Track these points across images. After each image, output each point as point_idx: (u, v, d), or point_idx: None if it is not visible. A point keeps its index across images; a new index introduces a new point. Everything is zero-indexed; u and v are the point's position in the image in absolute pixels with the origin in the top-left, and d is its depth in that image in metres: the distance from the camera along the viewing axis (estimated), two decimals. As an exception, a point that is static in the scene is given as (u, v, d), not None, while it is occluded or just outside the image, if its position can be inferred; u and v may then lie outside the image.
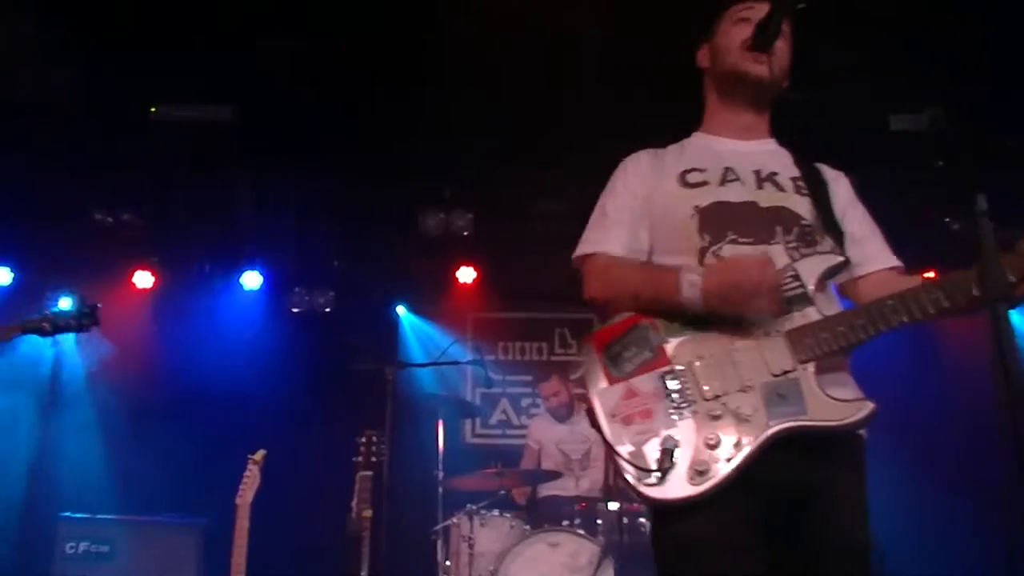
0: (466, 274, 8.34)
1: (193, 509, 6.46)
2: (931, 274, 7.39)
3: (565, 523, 5.95)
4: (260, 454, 4.85)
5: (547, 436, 6.89)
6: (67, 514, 6.36)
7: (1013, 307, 2.04)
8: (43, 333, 3.70)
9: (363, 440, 4.79)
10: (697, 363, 2.25)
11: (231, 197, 7.73)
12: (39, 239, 7.99)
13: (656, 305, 2.33)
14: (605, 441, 2.25)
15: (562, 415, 6.88)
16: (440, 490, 6.24)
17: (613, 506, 5.91)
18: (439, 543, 6.12)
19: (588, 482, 6.57)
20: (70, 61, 6.06)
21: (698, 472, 2.12)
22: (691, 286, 2.25)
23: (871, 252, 2.52)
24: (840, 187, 2.58)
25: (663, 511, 2.22)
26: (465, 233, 7.87)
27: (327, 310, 8.42)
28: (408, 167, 7.31)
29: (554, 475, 6.45)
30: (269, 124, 6.68)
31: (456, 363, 7.18)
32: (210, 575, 5.89)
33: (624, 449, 2.19)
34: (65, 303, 8.10)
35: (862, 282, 2.49)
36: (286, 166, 7.26)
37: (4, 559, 7.18)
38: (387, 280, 8.48)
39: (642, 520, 5.89)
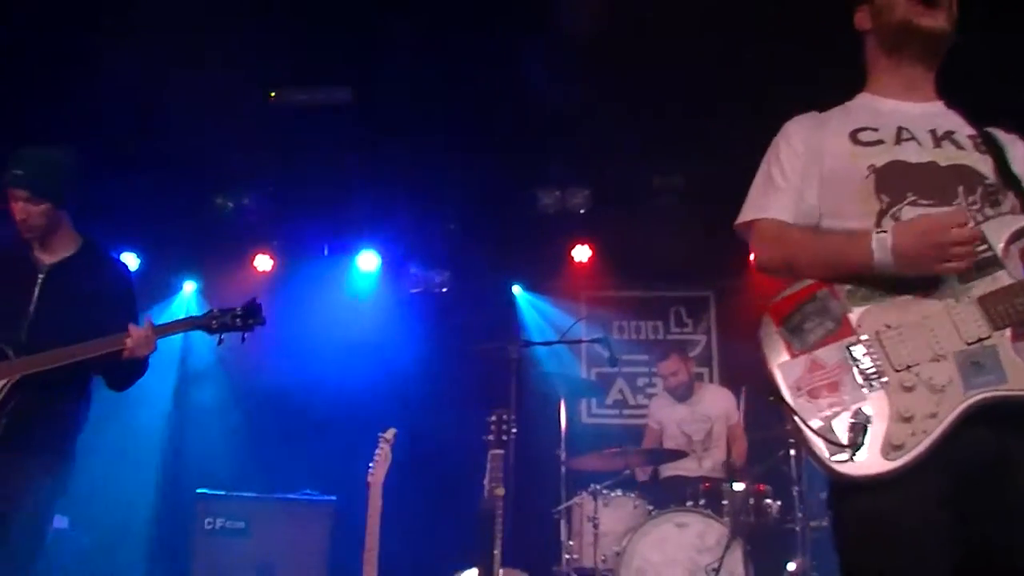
0: (581, 252, 8.30)
1: (324, 488, 6.59)
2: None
3: (690, 503, 5.90)
4: (391, 432, 4.89)
5: (668, 416, 6.83)
6: (203, 491, 6.55)
7: None
8: (210, 331, 3.75)
9: (494, 419, 4.77)
10: (884, 332, 2.15)
11: (349, 179, 7.82)
12: (163, 226, 8.21)
13: (838, 271, 2.24)
14: (791, 415, 2.15)
15: (682, 394, 6.81)
16: (563, 469, 6.24)
17: (738, 486, 5.83)
18: (562, 523, 6.12)
19: (711, 462, 6.50)
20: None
21: (893, 447, 2.02)
22: (881, 244, 2.14)
23: None
24: (1018, 149, 2.42)
25: (850, 489, 2.12)
26: (581, 211, 7.84)
27: (443, 290, 8.47)
28: (524, 145, 7.29)
29: (679, 455, 6.38)
30: (387, 105, 6.74)
31: (579, 342, 7.16)
32: (342, 553, 5.99)
33: (814, 423, 2.11)
34: (188, 287, 8.39)
35: None
36: (403, 147, 7.31)
37: (148, 533, 7.43)
38: (503, 259, 8.48)
39: (768, 501, 5.82)
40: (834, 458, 2.07)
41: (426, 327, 8.18)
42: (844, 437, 2.07)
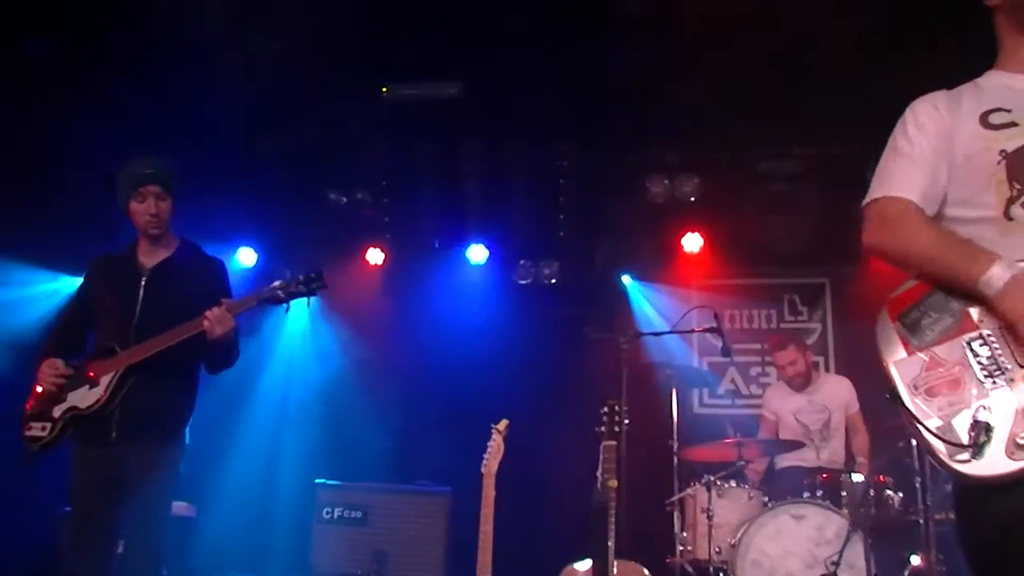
0: (692, 241, 8.19)
1: (439, 478, 6.68)
2: None
3: (807, 494, 5.77)
4: (503, 423, 4.92)
5: (784, 407, 6.70)
6: (322, 480, 6.71)
7: None
8: (278, 301, 3.90)
9: (606, 410, 4.77)
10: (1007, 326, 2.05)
11: (459, 172, 7.89)
12: (279, 221, 8.43)
13: (946, 281, 2.14)
14: (908, 415, 2.08)
15: (799, 384, 6.67)
16: (675, 460, 6.19)
17: (858, 478, 5.70)
18: (675, 514, 6.07)
19: (828, 453, 6.36)
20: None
21: (1019, 446, 1.93)
22: (992, 282, 2.04)
23: None
24: None
25: (980, 490, 2.03)
26: (692, 199, 7.74)
27: (552, 281, 8.47)
28: (632, 134, 7.25)
29: (796, 445, 6.26)
30: (497, 98, 6.77)
31: (691, 331, 7.08)
32: (457, 543, 6.07)
33: (932, 423, 2.03)
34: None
35: None
36: (512, 140, 7.34)
37: (270, 521, 7.64)
38: (612, 249, 8.46)
39: (889, 493, 5.66)
40: (955, 458, 1.99)
41: (536, 319, 8.20)
42: (965, 437, 1.98)
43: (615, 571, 4.61)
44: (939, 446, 2.01)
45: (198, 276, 4.13)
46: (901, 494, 5.66)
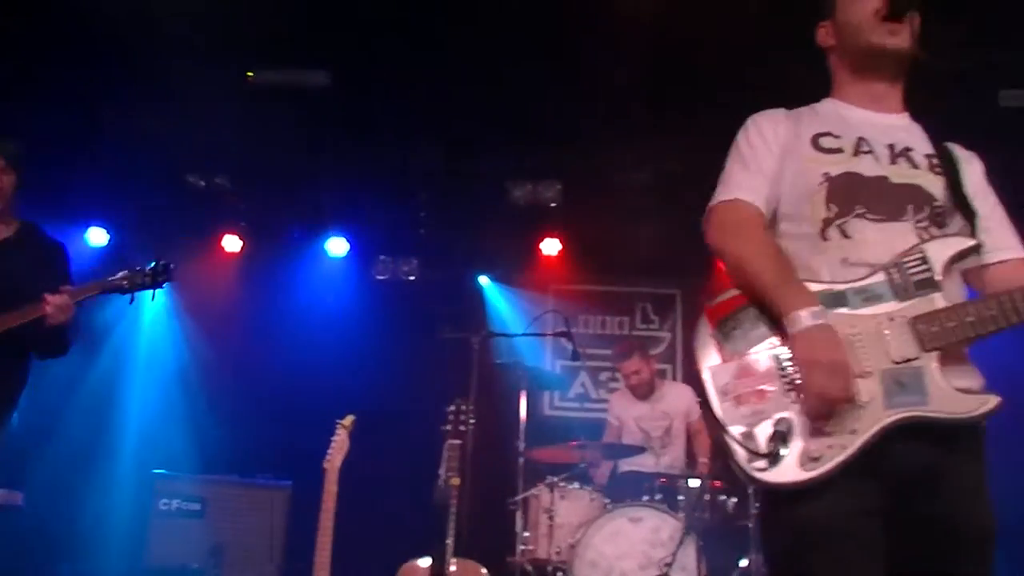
0: (550, 245, 8.32)
1: (281, 472, 6.59)
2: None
3: (646, 498, 5.93)
4: (349, 419, 4.89)
5: (627, 413, 6.87)
6: (161, 471, 6.54)
7: None
8: (122, 291, 3.82)
9: (452, 409, 4.80)
10: None
11: (322, 163, 7.78)
12: (133, 201, 8.15)
13: (760, 299, 2.24)
14: (715, 420, 2.18)
15: (643, 393, 6.84)
16: (521, 461, 6.26)
17: (694, 483, 5.89)
18: (518, 514, 6.14)
19: (669, 458, 6.53)
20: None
21: (811, 458, 2.05)
22: (795, 323, 2.13)
23: (1000, 240, 2.38)
24: (973, 169, 2.44)
25: (778, 496, 2.15)
26: (552, 204, 7.84)
27: (411, 278, 8.47)
28: (497, 137, 7.29)
29: (637, 450, 6.43)
30: (364, 91, 6.71)
31: (544, 335, 7.17)
32: (297, 538, 5.99)
33: (735, 430, 2.13)
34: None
35: (989, 270, 2.36)
36: (378, 134, 7.28)
37: (106, 511, 7.39)
38: (471, 249, 8.50)
39: (723, 497, 5.86)
40: (753, 465, 2.10)
41: (391, 315, 8.19)
42: (764, 445, 2.09)
43: (453, 569, 4.65)
44: (740, 452, 2.12)
45: (37, 259, 4.01)
46: (734, 499, 5.87)
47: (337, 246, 8.47)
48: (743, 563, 5.67)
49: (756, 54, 5.75)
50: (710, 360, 2.25)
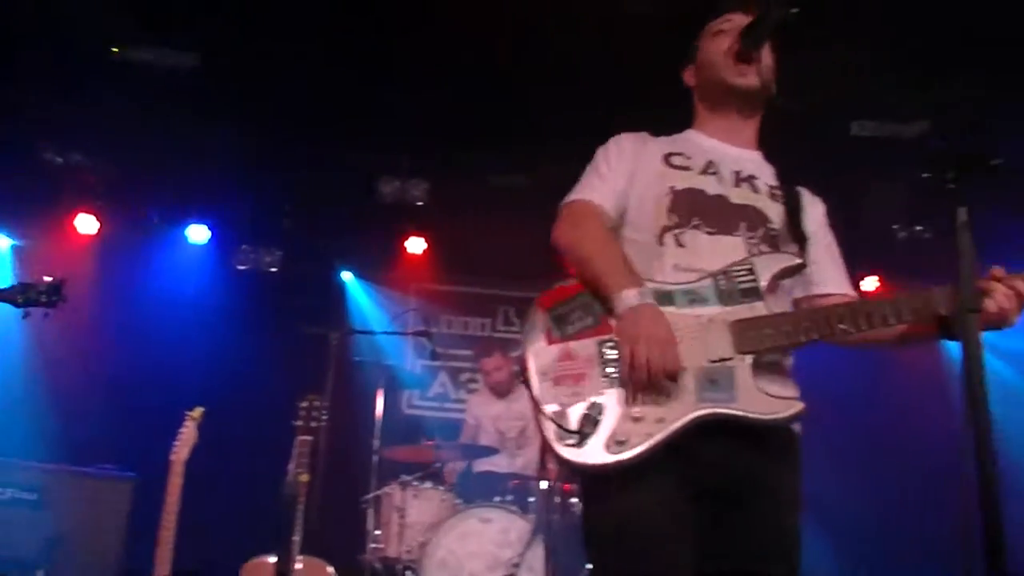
0: (416, 244, 8.32)
1: (126, 463, 6.38)
2: (875, 279, 7.70)
3: (498, 499, 5.99)
4: (198, 411, 4.79)
5: (484, 412, 6.93)
6: (-7, 455, 6.26)
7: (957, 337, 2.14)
8: (16, 304, 3.69)
9: (304, 404, 4.74)
10: None
11: (186, 147, 7.57)
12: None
13: (592, 285, 2.35)
14: (532, 398, 2.27)
15: (501, 391, 6.91)
16: (375, 459, 6.25)
17: (545, 485, 5.97)
18: (370, 512, 6.13)
19: (523, 460, 6.61)
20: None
21: (617, 442, 2.15)
22: (622, 301, 2.26)
23: (830, 275, 2.58)
24: (815, 209, 2.63)
25: (592, 489, 2.28)
26: (419, 203, 7.83)
27: (273, 270, 8.34)
28: (369, 132, 7.24)
29: (491, 451, 6.49)
30: (234, 77, 6.57)
31: (403, 333, 7.17)
32: (139, 530, 5.81)
33: (549, 408, 2.22)
34: (2, 242, 7.97)
35: (817, 302, 2.52)
36: (245, 121, 7.13)
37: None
38: (336, 244, 8.42)
39: (574, 500, 5.95)
40: (562, 442, 2.18)
41: (251, 306, 8.05)
42: (575, 425, 2.19)
43: (299, 566, 4.59)
44: (550, 429, 2.20)
45: None
46: (582, 491, 5.97)
47: (198, 233, 8.28)
48: (591, 565, 5.76)
49: (629, 65, 5.87)
50: (536, 342, 2.33)
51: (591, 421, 2.18)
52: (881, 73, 5.86)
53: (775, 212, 2.50)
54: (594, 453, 2.15)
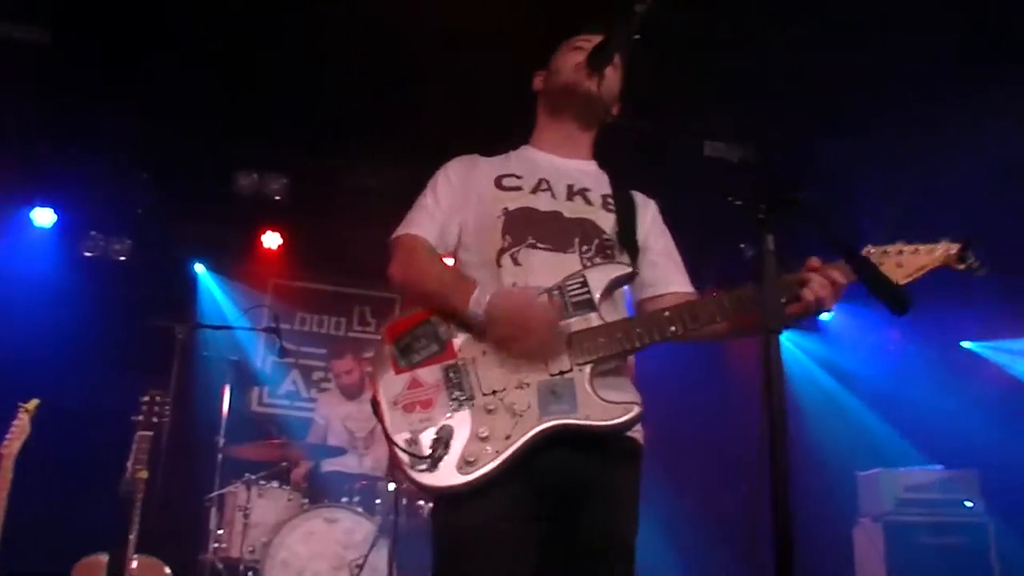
0: (272, 239, 8.20)
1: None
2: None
3: (344, 500, 5.98)
4: (33, 403, 4.62)
5: (334, 412, 6.90)
6: None
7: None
8: None
9: (146, 399, 4.63)
10: (480, 358, 2.37)
11: (35, 126, 7.24)
12: None
13: (440, 306, 2.43)
14: (384, 428, 2.33)
15: (352, 393, 6.90)
16: (220, 457, 6.14)
17: (392, 486, 5.98)
18: (213, 511, 6.02)
19: (371, 461, 6.61)
20: None
21: (467, 462, 2.23)
22: (477, 302, 2.35)
23: (668, 275, 2.70)
24: (648, 212, 2.75)
25: (441, 502, 2.36)
26: (277, 198, 7.71)
27: (122, 258, 8.06)
28: (228, 123, 7.09)
29: (339, 451, 6.47)
30: (88, 57, 6.33)
31: (251, 329, 7.04)
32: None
33: (400, 437, 2.30)
34: None
35: (658, 301, 2.64)
36: (99, 103, 6.88)
37: None
38: (190, 235, 8.19)
39: (420, 503, 5.99)
40: (415, 469, 2.26)
41: (96, 295, 7.73)
42: (426, 450, 2.25)
43: (133, 565, 4.49)
44: (404, 456, 2.28)
45: None
46: (432, 504, 6.00)
47: (43, 216, 7.93)
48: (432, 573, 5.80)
49: (473, 74, 5.94)
50: (385, 372, 2.40)
51: (442, 444, 2.25)
52: (727, 99, 6.08)
53: (608, 223, 2.62)
54: (446, 476, 2.23)
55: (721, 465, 7.48)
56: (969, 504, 6.69)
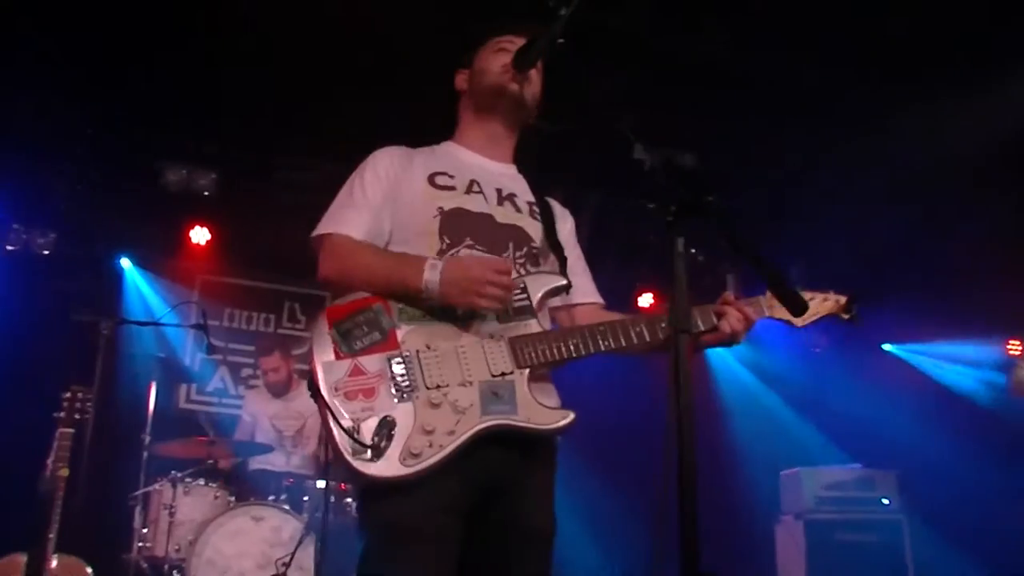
0: (200, 234, 8.07)
1: None
2: (649, 295, 8.10)
3: (272, 498, 5.95)
4: (-50, 400, 4.54)
5: (261, 410, 6.86)
6: None
7: (699, 348, 2.40)
8: None
9: (68, 395, 4.57)
10: (424, 352, 2.38)
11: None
12: None
13: (392, 289, 2.43)
14: (324, 413, 2.30)
15: (279, 390, 6.86)
16: (145, 454, 6.06)
17: (321, 484, 5.96)
18: (137, 509, 5.94)
19: (299, 459, 6.58)
20: None
21: (411, 455, 2.24)
22: (432, 269, 2.38)
23: (581, 286, 2.80)
24: (565, 224, 2.85)
25: (371, 493, 2.33)
26: (206, 193, 7.61)
27: (46, 252, 7.89)
28: (156, 116, 6.99)
29: (266, 448, 6.43)
30: (8, 42, 6.18)
31: (178, 325, 6.95)
32: None
33: (343, 423, 2.27)
34: None
35: (573, 310, 2.78)
36: (20, 91, 6.72)
37: None
38: (116, 229, 8.06)
39: (348, 500, 5.98)
40: (357, 457, 2.24)
41: (18, 290, 7.55)
42: (369, 439, 2.25)
43: (53, 565, 4.42)
44: (345, 444, 2.25)
45: None
46: (359, 496, 5.99)
47: (-38, 208, 7.73)
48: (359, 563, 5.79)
49: (417, 68, 5.95)
50: (325, 357, 2.37)
51: (385, 435, 2.25)
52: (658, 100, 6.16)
53: (535, 231, 2.69)
54: (389, 467, 2.23)
55: (635, 457, 7.59)
56: (886, 501, 6.88)
